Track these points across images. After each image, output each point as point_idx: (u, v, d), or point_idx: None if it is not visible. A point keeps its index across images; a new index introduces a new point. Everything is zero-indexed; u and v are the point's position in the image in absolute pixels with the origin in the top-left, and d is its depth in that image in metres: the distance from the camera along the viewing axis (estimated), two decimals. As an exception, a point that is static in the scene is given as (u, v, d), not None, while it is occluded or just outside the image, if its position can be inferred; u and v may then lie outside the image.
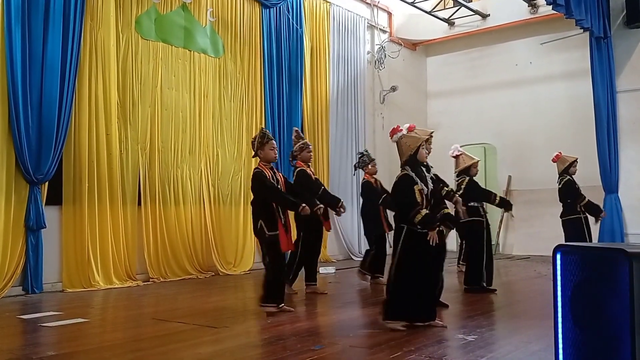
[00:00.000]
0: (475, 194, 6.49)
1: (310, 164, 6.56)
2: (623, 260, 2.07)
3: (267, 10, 9.65)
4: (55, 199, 6.89)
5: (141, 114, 7.80)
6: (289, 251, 5.81)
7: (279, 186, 5.34)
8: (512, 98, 12.12)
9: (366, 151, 7.88)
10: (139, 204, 7.73)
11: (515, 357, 3.60)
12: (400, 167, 4.58)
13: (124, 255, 7.41)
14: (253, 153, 5.60)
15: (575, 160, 7.75)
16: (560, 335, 2.39)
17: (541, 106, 11.51)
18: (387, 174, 12.38)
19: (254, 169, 5.41)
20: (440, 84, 13.50)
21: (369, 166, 7.61)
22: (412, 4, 11.92)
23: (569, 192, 7.59)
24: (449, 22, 12.64)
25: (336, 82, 11.05)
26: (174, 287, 7.26)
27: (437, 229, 4.33)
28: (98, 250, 7.11)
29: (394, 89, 12.35)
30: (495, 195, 6.78)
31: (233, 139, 9.03)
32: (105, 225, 7.23)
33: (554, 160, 7.72)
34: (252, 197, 5.48)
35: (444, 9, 12.71)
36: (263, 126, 9.46)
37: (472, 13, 12.07)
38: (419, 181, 4.41)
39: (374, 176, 7.65)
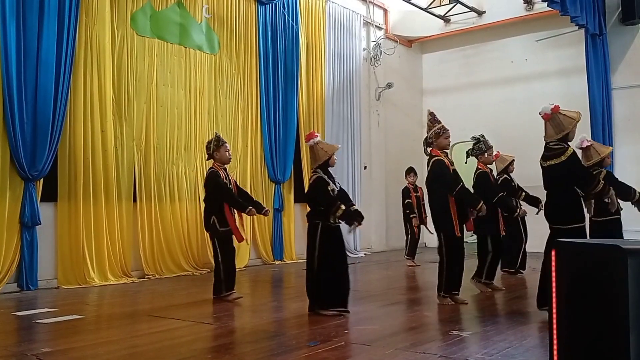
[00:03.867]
0: (614, 188, 5.53)
1: (447, 151, 5.68)
2: (618, 256, 2.08)
3: (263, 6, 9.63)
4: (50, 195, 6.88)
5: (136, 111, 7.78)
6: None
7: (230, 186, 5.81)
8: (508, 95, 12.14)
9: (482, 136, 6.65)
10: (134, 200, 7.72)
11: (510, 354, 3.61)
12: (313, 169, 5.20)
13: (119, 252, 7.40)
14: (207, 156, 6.00)
15: (513, 160, 7.61)
16: (555, 332, 2.40)
17: (536, 103, 11.35)
18: (383, 171, 12.43)
19: (209, 169, 5.90)
20: (435, 80, 13.52)
21: (486, 154, 6.51)
22: (407, 0, 11.91)
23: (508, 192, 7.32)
24: (445, 19, 12.65)
25: (332, 78, 11.03)
26: (169, 283, 7.26)
27: (355, 223, 5.00)
28: (93, 246, 7.10)
29: (389, 85, 12.35)
30: (636, 191, 5.84)
31: (228, 136, 9.00)
32: (100, 222, 7.21)
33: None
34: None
35: (440, 5, 12.72)
36: (259, 123, 9.48)
37: (468, 10, 12.07)
38: (330, 182, 5.05)
39: (489, 166, 6.62)
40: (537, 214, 6.52)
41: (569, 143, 4.82)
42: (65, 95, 6.88)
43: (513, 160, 7.66)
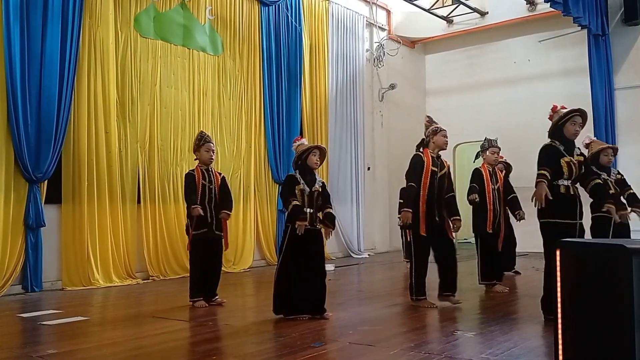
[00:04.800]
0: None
1: (441, 153, 5.63)
2: (623, 256, 2.08)
3: (266, 8, 9.65)
4: (54, 197, 6.90)
5: (140, 112, 7.80)
6: None
7: (212, 186, 5.56)
8: (511, 95, 12.13)
9: (490, 138, 6.79)
10: (139, 202, 7.74)
11: (514, 354, 3.61)
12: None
13: (124, 254, 7.41)
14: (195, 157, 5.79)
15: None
16: (560, 332, 2.40)
17: (539, 103, 11.48)
18: (386, 171, 12.42)
19: (187, 172, 5.66)
20: (438, 81, 13.52)
21: (487, 152, 6.65)
22: (410, 1, 11.92)
23: None
24: (448, 19, 12.65)
25: (335, 79, 11.05)
26: (173, 285, 7.26)
27: (304, 221, 4.74)
28: (97, 248, 7.12)
29: (392, 86, 12.36)
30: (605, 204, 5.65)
31: (232, 137, 9.03)
32: (104, 224, 7.23)
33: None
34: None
35: (443, 6, 12.73)
36: (262, 124, 9.49)
37: (471, 11, 12.08)
38: (302, 182, 4.89)
39: (497, 165, 6.73)
40: (518, 220, 6.52)
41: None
42: (69, 97, 6.90)
43: (509, 165, 7.71)
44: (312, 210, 4.87)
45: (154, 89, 7.98)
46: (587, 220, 5.45)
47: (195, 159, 5.71)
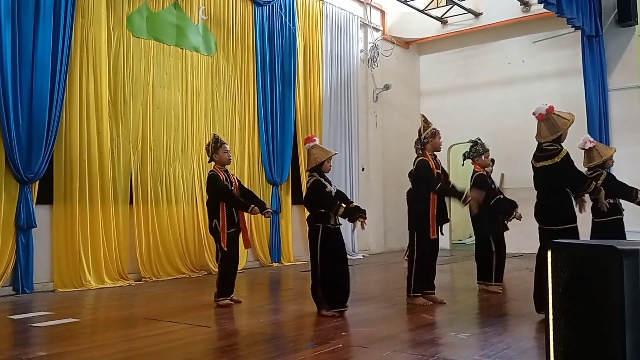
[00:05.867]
0: (615, 189, 5.63)
1: (437, 154, 5.82)
2: (613, 257, 2.07)
3: (260, 8, 9.62)
4: (46, 198, 6.86)
5: (133, 113, 7.76)
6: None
7: (232, 188, 5.71)
8: (505, 96, 12.14)
9: (479, 139, 6.82)
10: (131, 203, 7.70)
11: (507, 355, 3.60)
12: (309, 173, 5.29)
13: (116, 255, 7.37)
14: (209, 158, 5.90)
15: (493, 160, 7.63)
16: (551, 333, 2.39)
17: (533, 104, 11.38)
18: (381, 172, 12.42)
19: (209, 172, 5.79)
20: (433, 82, 13.52)
21: (482, 157, 6.60)
22: (405, 2, 11.93)
23: None
24: (442, 20, 12.66)
25: (329, 80, 11.03)
26: (166, 286, 7.23)
27: (359, 218, 5.04)
28: (89, 249, 7.07)
29: (387, 87, 12.35)
30: (638, 191, 5.70)
31: (225, 138, 8.88)
32: (96, 225, 7.19)
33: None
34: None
35: (437, 7, 12.73)
36: (256, 125, 9.46)
37: (465, 11, 12.09)
38: (327, 184, 5.13)
39: (486, 169, 6.67)
40: (508, 220, 6.49)
41: (562, 144, 4.82)
42: (61, 97, 6.86)
43: (493, 161, 7.67)
44: None
45: (146, 89, 7.94)
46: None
47: (210, 161, 5.89)
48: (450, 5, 12.17)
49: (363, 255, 11.15)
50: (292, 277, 8.20)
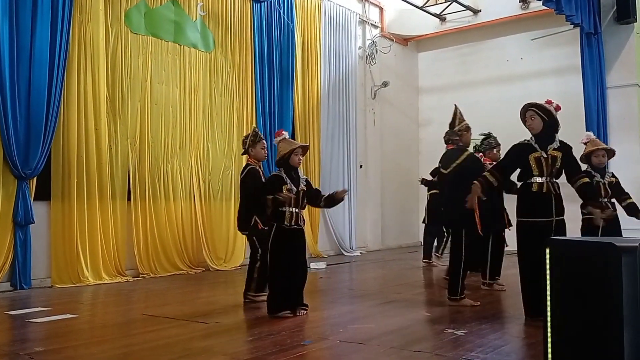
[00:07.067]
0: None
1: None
2: (613, 254, 2.07)
3: (258, 4, 9.60)
4: (43, 194, 6.84)
5: (131, 109, 7.74)
6: None
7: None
8: (503, 94, 12.13)
9: (491, 133, 6.67)
10: (129, 199, 7.69)
11: (504, 351, 3.60)
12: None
13: (114, 251, 7.36)
14: (243, 150, 5.77)
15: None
16: (549, 330, 2.39)
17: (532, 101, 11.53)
18: (379, 169, 12.42)
19: (249, 166, 5.58)
20: (431, 79, 13.52)
21: (494, 150, 6.50)
22: (403, -1, 11.90)
23: None
24: (441, 17, 12.64)
25: (327, 77, 11.02)
26: (164, 282, 7.23)
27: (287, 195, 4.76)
28: (87, 245, 7.06)
29: (385, 84, 12.34)
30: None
31: (224, 134, 8.99)
32: (94, 221, 7.18)
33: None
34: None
35: (436, 4, 12.72)
36: (254, 121, 9.44)
37: (464, 9, 12.07)
38: (288, 181, 4.85)
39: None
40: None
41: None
42: (59, 93, 6.84)
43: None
44: (297, 210, 4.88)
45: (144, 85, 7.93)
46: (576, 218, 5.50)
47: (243, 154, 5.80)
48: (449, 2, 12.16)
49: (360, 252, 11.15)
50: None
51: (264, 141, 5.67)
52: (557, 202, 4.65)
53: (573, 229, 5.53)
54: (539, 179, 4.63)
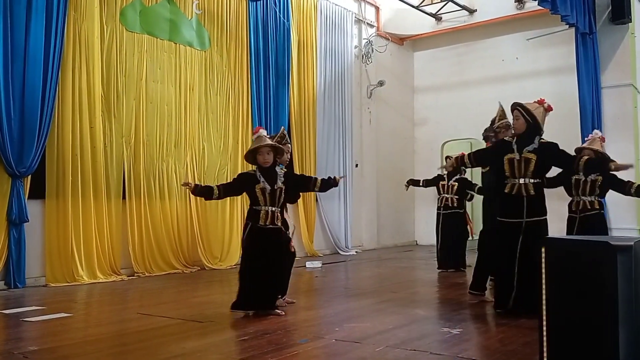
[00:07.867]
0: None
1: None
2: (608, 252, 2.08)
3: (254, 3, 9.58)
4: (38, 192, 6.81)
5: (126, 107, 7.72)
6: None
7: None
8: (499, 93, 12.07)
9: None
10: (124, 197, 7.66)
11: (500, 351, 3.61)
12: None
13: (108, 250, 7.34)
14: None
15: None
16: (544, 328, 2.39)
17: (527, 101, 11.55)
18: (375, 169, 12.42)
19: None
20: (427, 78, 13.53)
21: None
22: (399, -2, 11.91)
23: None
24: (436, 17, 12.66)
25: (323, 76, 11.01)
26: (159, 281, 7.21)
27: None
28: (82, 244, 7.04)
29: (381, 83, 12.35)
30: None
31: (219, 133, 8.97)
32: (89, 219, 7.15)
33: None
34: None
35: (432, 3, 12.74)
36: (250, 120, 9.42)
37: (460, 8, 12.10)
38: (262, 180, 4.79)
39: None
40: None
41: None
42: (54, 91, 6.81)
43: None
44: (273, 209, 4.81)
45: (139, 83, 7.90)
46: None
47: None
48: (445, 2, 12.18)
49: (356, 252, 11.16)
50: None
51: (289, 145, 5.50)
52: (530, 204, 4.69)
53: (561, 229, 5.60)
54: (510, 181, 4.75)
